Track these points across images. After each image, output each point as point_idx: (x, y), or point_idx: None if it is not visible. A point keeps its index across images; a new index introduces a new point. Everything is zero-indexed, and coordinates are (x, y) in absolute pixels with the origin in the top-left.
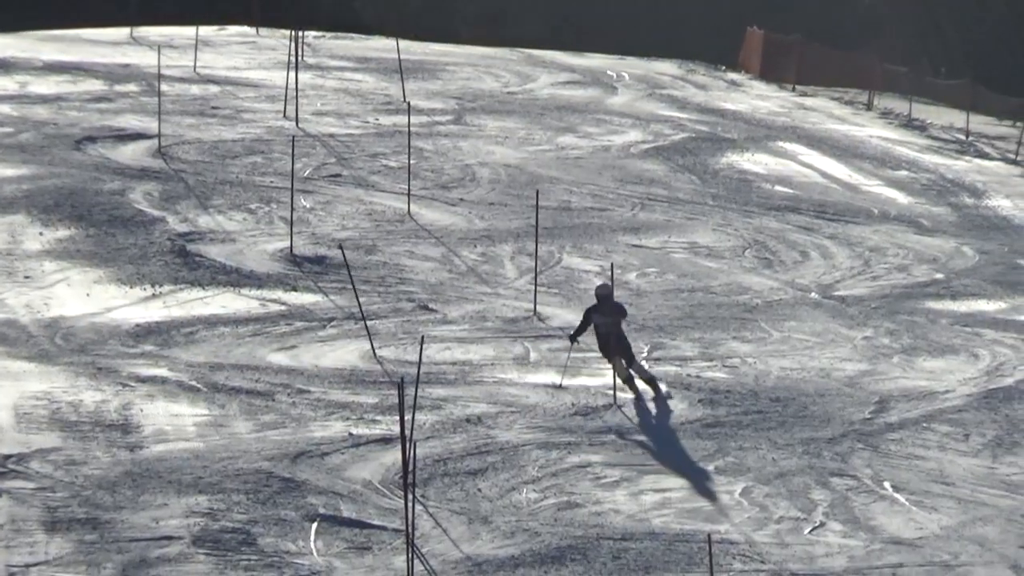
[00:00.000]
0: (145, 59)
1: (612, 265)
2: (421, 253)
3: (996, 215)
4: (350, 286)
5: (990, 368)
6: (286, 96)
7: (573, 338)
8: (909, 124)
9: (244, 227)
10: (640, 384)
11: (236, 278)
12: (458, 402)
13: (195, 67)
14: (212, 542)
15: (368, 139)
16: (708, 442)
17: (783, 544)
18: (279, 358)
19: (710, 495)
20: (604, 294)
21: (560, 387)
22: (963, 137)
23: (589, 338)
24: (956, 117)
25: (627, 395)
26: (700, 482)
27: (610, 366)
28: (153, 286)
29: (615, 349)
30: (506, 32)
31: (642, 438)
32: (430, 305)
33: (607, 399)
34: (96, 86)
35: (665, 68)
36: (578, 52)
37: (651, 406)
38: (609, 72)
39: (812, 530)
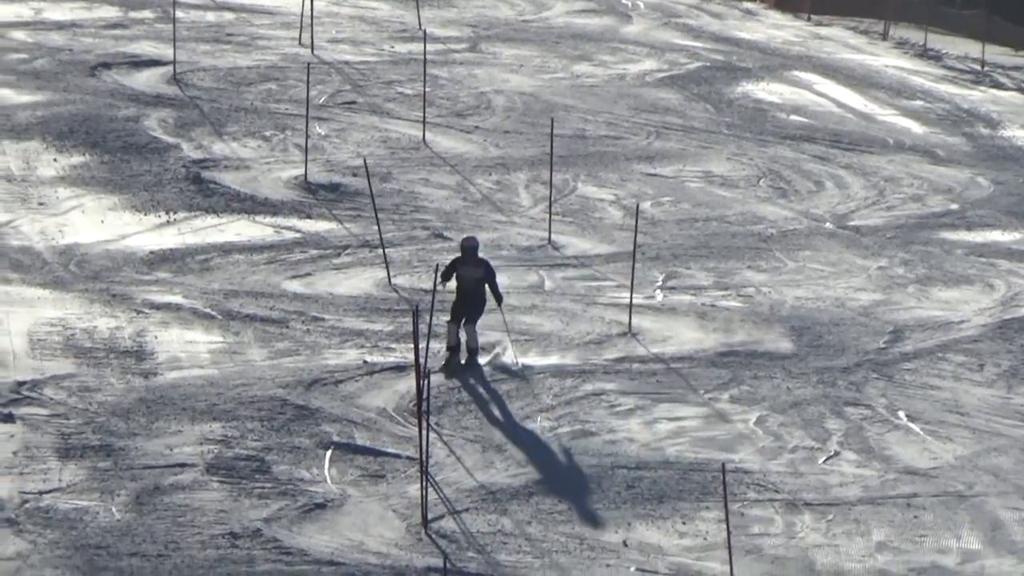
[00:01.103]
0: None
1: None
2: (436, 181)
3: (1011, 145)
4: (365, 214)
5: (1005, 298)
6: (301, 23)
7: (442, 279)
8: (924, 54)
9: (259, 154)
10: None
11: (251, 205)
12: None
13: None
14: (226, 469)
15: (383, 66)
16: (723, 371)
17: (797, 473)
18: (293, 285)
19: (724, 424)
20: (469, 246)
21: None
22: (978, 67)
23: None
24: (971, 47)
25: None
26: (714, 411)
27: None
28: (167, 213)
29: (466, 310)
30: None
31: (657, 367)
32: (445, 233)
33: (622, 327)
34: (111, 12)
35: None
36: None
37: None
38: (624, 1)
39: (826, 460)
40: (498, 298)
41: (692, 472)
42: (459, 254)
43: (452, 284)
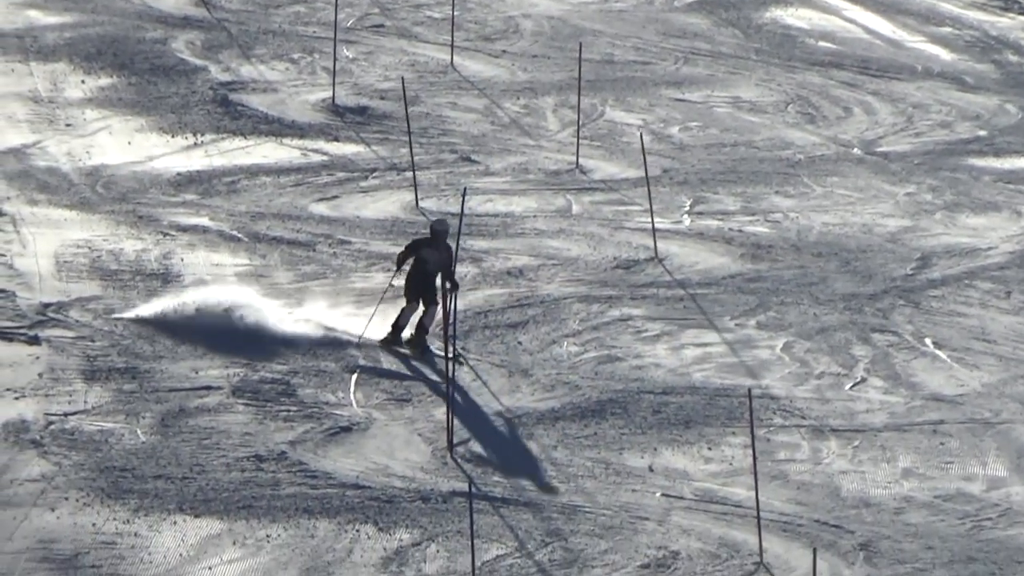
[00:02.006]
0: None
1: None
2: (464, 105)
3: None
4: (392, 137)
5: None
6: None
7: (398, 264)
8: None
9: (286, 77)
10: (407, 334)
11: (278, 128)
12: (499, 254)
13: None
14: (251, 392)
15: None
16: (750, 297)
17: (824, 400)
18: (320, 208)
19: (751, 350)
20: (442, 230)
21: (360, 339)
22: None
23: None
24: None
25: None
26: (741, 337)
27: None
28: (195, 135)
29: (425, 294)
30: None
31: (683, 292)
32: (472, 157)
33: (648, 252)
34: None
35: None
36: None
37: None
38: None
39: (853, 386)
40: (454, 285)
41: (718, 398)
42: (426, 235)
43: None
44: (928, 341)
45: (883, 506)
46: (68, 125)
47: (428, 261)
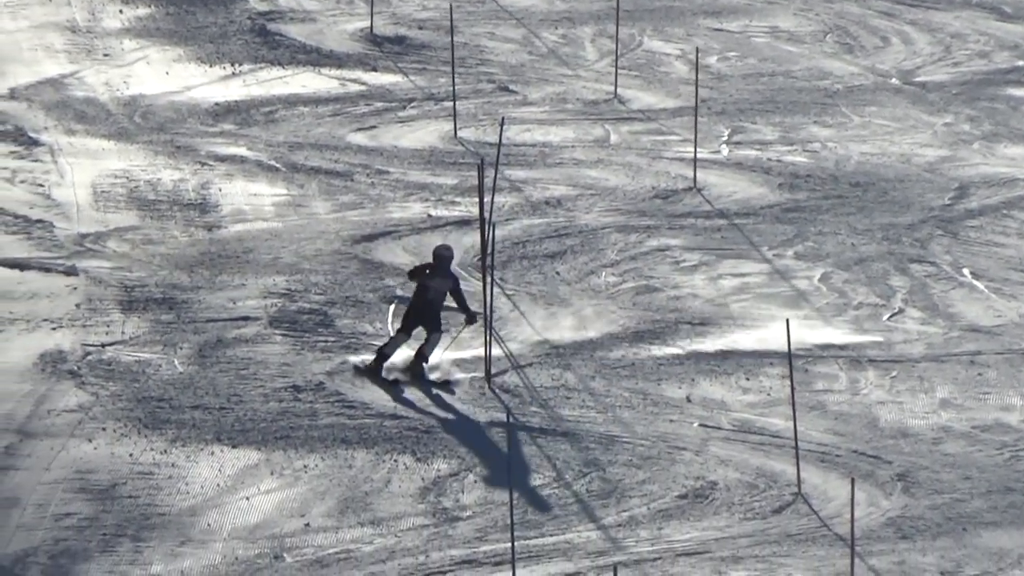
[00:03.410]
0: None
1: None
2: (501, 34)
3: None
4: (430, 67)
5: None
6: None
7: (410, 276)
8: None
9: (324, 6)
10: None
11: (316, 57)
12: (537, 184)
13: None
14: (289, 323)
15: None
16: (787, 227)
17: (862, 330)
18: (358, 138)
19: (789, 280)
20: (446, 255)
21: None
22: None
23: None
24: None
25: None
26: (779, 267)
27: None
28: (233, 65)
29: (426, 321)
30: None
31: (721, 222)
32: (511, 86)
33: (687, 182)
34: None
35: None
36: None
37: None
38: None
39: (890, 316)
40: (469, 314)
41: (756, 328)
42: (429, 261)
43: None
44: (966, 271)
45: (921, 436)
46: (106, 55)
47: (429, 288)
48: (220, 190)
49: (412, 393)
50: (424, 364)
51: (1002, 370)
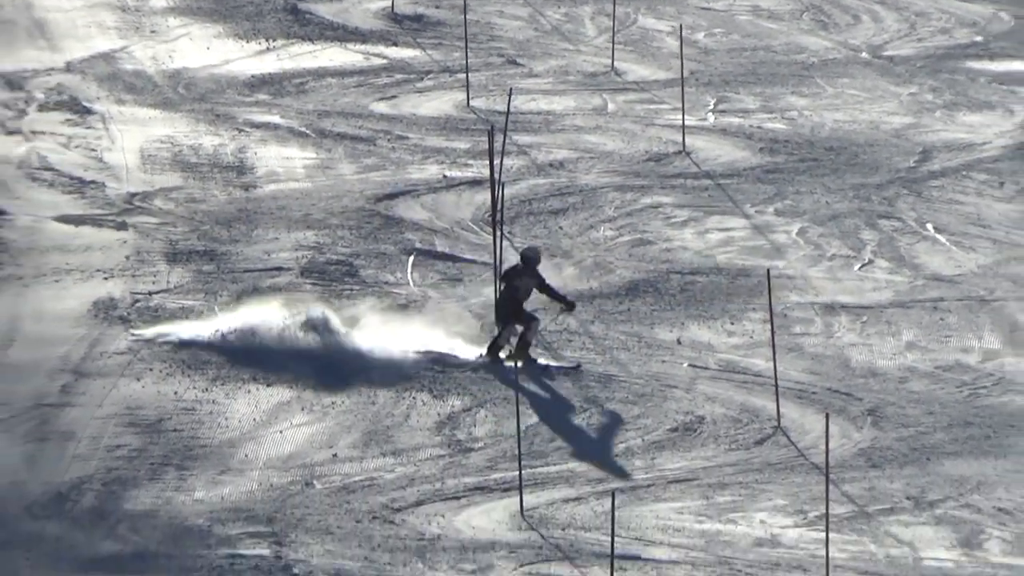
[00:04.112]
0: None
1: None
2: (510, 13)
3: None
4: (446, 42)
5: None
6: None
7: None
8: None
9: None
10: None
11: (342, 34)
12: (542, 148)
13: None
14: (318, 273)
15: None
16: (768, 186)
17: (835, 279)
18: (380, 107)
19: (769, 235)
20: (533, 256)
21: (480, 357)
22: None
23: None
24: None
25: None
26: (760, 223)
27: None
28: (267, 40)
29: (515, 317)
30: None
31: (708, 182)
32: (518, 60)
33: (676, 146)
34: None
35: None
36: None
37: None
38: None
39: (861, 267)
40: (566, 303)
41: (740, 277)
42: (518, 263)
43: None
44: (929, 226)
45: (888, 376)
46: (152, 32)
47: (519, 288)
48: (256, 154)
49: (432, 333)
50: (528, 349)
51: (962, 315)
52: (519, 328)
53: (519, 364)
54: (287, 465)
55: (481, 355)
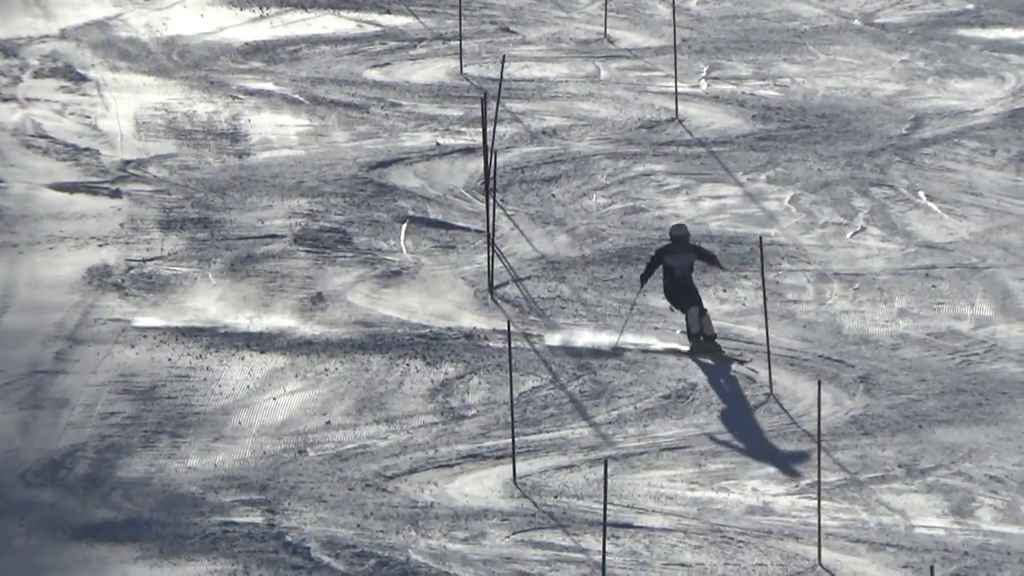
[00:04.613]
0: None
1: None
2: None
3: None
4: (439, 9)
5: (1015, 89)
6: None
7: (643, 280)
8: None
9: None
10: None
11: (336, 1)
12: (535, 115)
13: None
14: (312, 240)
15: None
16: (760, 154)
17: (827, 247)
18: (374, 74)
19: (762, 202)
20: (680, 235)
21: (616, 349)
22: None
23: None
24: None
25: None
26: (753, 190)
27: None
28: (260, 8)
29: (686, 297)
30: None
31: (700, 150)
32: (511, 27)
33: (669, 113)
34: None
35: None
36: None
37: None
38: None
39: (853, 234)
40: (718, 264)
41: (732, 245)
42: (668, 242)
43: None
44: (921, 194)
45: (880, 343)
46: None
47: (675, 267)
48: (249, 121)
49: (425, 301)
50: (711, 337)
51: (954, 282)
52: (696, 311)
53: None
54: (280, 432)
55: (690, 349)
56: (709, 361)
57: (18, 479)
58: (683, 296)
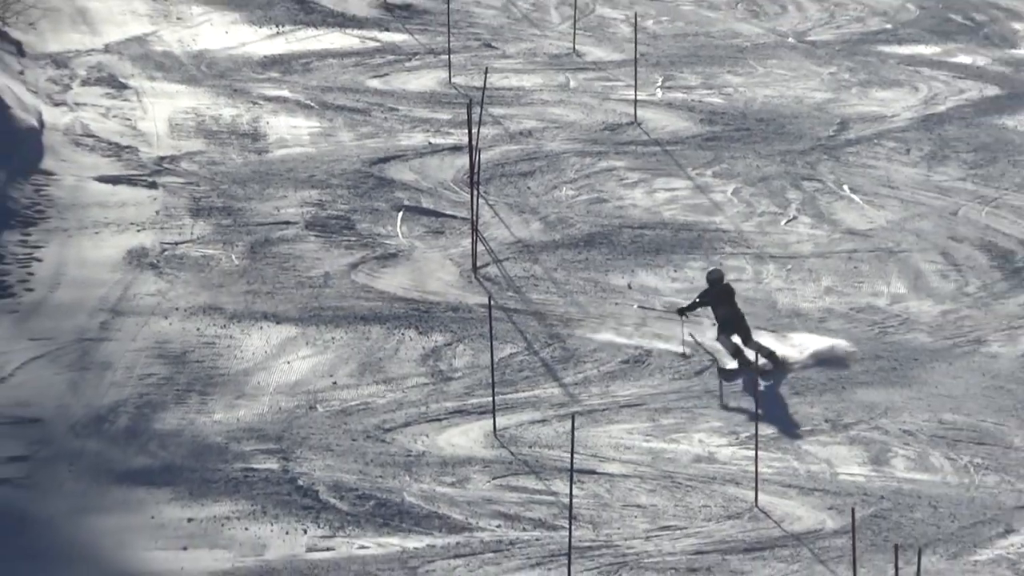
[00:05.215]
0: None
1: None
2: (485, 2)
3: None
4: (430, 28)
5: (927, 98)
6: None
7: (682, 312)
8: None
9: None
10: (753, 355)
11: (342, 20)
12: (513, 119)
13: None
14: (320, 226)
15: None
16: (707, 152)
17: (764, 233)
18: (374, 83)
19: (708, 194)
20: (714, 279)
21: (684, 355)
22: None
23: None
24: None
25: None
26: (701, 183)
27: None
28: (277, 26)
29: (736, 329)
30: None
31: (656, 148)
32: (492, 43)
33: (629, 118)
34: None
35: None
36: None
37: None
38: None
39: (787, 222)
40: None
41: (683, 231)
42: (707, 287)
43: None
44: (845, 187)
45: (809, 316)
46: (178, 19)
47: (720, 312)
48: (267, 123)
49: (417, 279)
50: (773, 358)
51: (873, 264)
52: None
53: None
54: (293, 391)
55: (734, 367)
56: (660, 334)
57: (68, 431)
58: (733, 328)
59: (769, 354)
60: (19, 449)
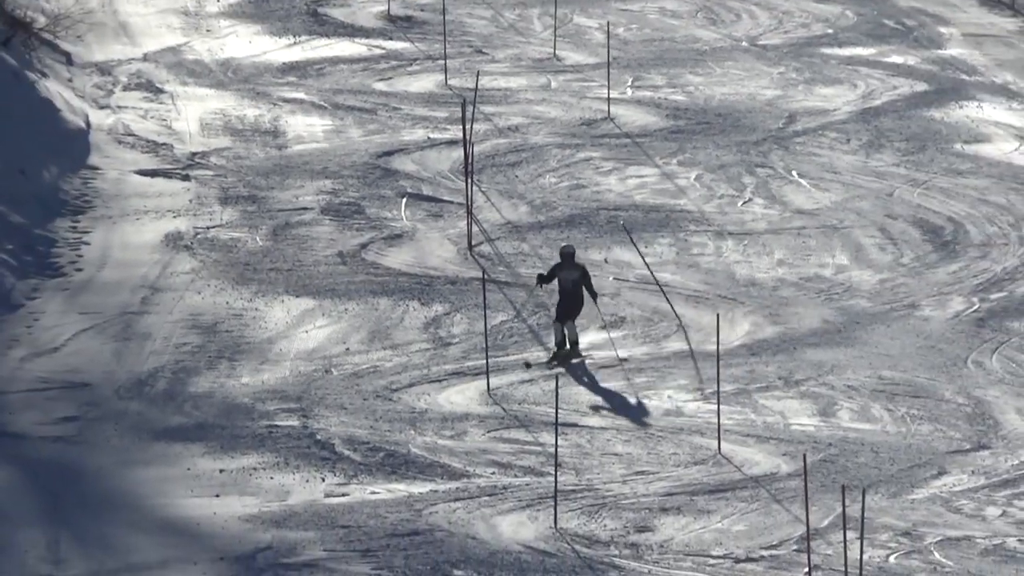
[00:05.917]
0: None
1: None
2: (477, 14)
3: None
4: (429, 36)
5: (864, 94)
6: None
7: (539, 282)
8: None
9: None
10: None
11: (351, 31)
12: (502, 116)
13: None
14: (334, 212)
15: None
16: (673, 143)
17: (723, 213)
18: (380, 86)
19: (674, 180)
20: (568, 252)
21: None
22: None
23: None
24: None
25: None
26: (667, 171)
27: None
28: (294, 37)
29: (567, 310)
30: None
31: (627, 140)
32: (483, 49)
33: (604, 113)
34: None
35: None
36: None
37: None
38: None
39: (743, 204)
40: (593, 295)
41: (652, 212)
42: (559, 260)
43: (552, 286)
44: (794, 172)
45: (764, 285)
46: (208, 31)
47: (564, 280)
48: (287, 122)
49: (419, 256)
50: (576, 347)
51: (819, 240)
52: (561, 327)
53: (573, 360)
54: (311, 357)
55: (552, 363)
56: (633, 302)
57: (113, 394)
58: (566, 308)
59: (574, 343)
60: (71, 410)
